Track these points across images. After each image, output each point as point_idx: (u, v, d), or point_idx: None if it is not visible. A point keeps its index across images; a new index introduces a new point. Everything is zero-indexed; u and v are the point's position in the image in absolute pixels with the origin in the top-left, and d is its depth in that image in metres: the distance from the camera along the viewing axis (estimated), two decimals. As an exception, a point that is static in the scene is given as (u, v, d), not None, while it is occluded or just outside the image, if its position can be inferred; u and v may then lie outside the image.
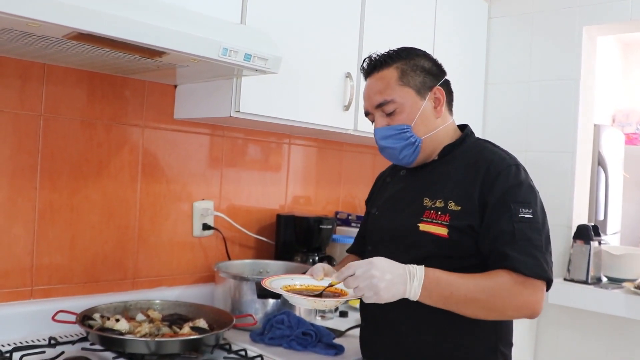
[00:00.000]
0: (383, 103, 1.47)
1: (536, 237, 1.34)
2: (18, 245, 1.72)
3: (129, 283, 1.98)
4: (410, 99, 1.46)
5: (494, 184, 1.37)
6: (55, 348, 1.55)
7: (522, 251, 1.31)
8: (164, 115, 2.04)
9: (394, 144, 1.48)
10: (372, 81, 1.51)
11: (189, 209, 2.15)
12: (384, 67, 1.48)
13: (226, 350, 1.66)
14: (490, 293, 1.30)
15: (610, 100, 4.63)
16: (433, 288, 1.28)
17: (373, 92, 1.49)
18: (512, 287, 1.30)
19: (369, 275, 1.25)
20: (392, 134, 1.47)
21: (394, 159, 1.52)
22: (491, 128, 2.96)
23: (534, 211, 1.36)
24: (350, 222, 2.66)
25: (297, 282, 1.44)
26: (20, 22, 1.18)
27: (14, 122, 1.70)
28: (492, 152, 1.47)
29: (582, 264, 2.58)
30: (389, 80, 1.47)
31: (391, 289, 1.26)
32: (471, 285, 1.30)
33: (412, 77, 1.47)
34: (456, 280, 1.30)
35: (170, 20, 1.37)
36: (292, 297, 1.34)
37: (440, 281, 1.29)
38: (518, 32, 2.93)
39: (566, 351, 2.72)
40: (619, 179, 3.61)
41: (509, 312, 1.35)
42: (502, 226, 1.34)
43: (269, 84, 1.81)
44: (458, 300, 1.30)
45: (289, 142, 2.51)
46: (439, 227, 1.39)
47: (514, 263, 1.30)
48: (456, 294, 1.29)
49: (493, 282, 1.31)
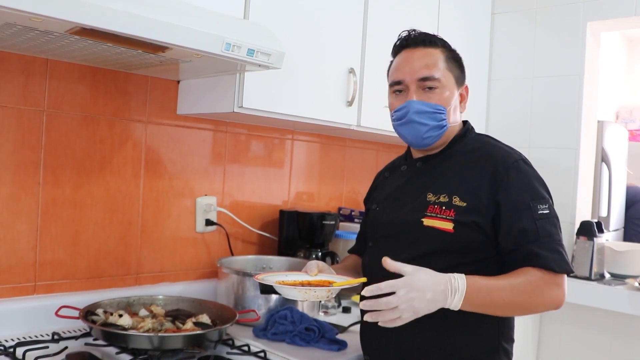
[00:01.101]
0: (429, 77, 1.43)
1: (555, 231, 1.37)
2: (21, 240, 1.72)
3: (132, 278, 1.98)
4: (450, 84, 1.46)
5: (506, 182, 1.37)
6: (59, 343, 1.56)
7: (547, 248, 1.33)
8: (167, 110, 2.04)
9: (426, 121, 1.43)
10: (418, 53, 1.46)
11: (192, 205, 2.15)
12: (432, 45, 1.47)
13: (229, 346, 1.66)
14: (527, 294, 1.32)
15: (614, 96, 4.61)
16: (474, 299, 1.28)
17: (419, 65, 1.44)
18: (544, 285, 1.32)
19: (409, 297, 1.21)
20: (427, 111, 1.43)
21: (416, 136, 1.46)
22: (494, 124, 2.96)
23: (549, 206, 1.38)
24: (353, 217, 2.66)
25: (290, 277, 1.44)
26: (23, 17, 1.17)
27: (17, 118, 1.69)
28: (495, 147, 1.47)
29: (585, 260, 2.58)
30: (437, 58, 1.45)
31: (431, 307, 1.24)
32: (508, 288, 1.31)
33: (454, 66, 1.48)
34: (495, 286, 1.30)
35: (173, 15, 1.37)
36: (282, 288, 1.34)
37: (481, 290, 1.28)
38: (522, 27, 2.92)
39: (569, 347, 2.72)
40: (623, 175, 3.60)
41: (540, 308, 1.37)
42: (525, 225, 1.34)
43: (272, 80, 1.81)
44: (497, 305, 1.31)
45: (292, 138, 2.51)
46: (444, 221, 1.39)
47: (544, 261, 1.32)
48: (496, 299, 1.30)
49: (527, 282, 1.32)
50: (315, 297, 1.37)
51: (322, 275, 1.44)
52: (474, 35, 2.85)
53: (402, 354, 1.46)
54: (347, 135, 2.66)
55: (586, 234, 2.60)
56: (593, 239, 2.58)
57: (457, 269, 1.31)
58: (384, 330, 1.48)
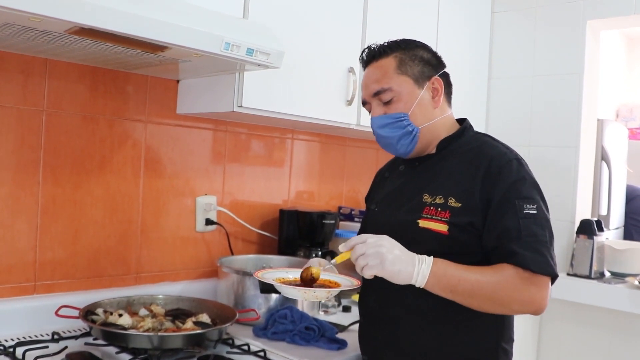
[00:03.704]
0: (380, 91, 1.46)
1: (541, 232, 1.33)
2: (21, 240, 1.72)
3: (132, 278, 1.99)
4: (407, 87, 1.46)
5: (496, 181, 1.36)
6: (59, 343, 1.56)
7: (528, 247, 1.31)
8: (167, 110, 2.04)
9: (391, 133, 1.47)
10: (370, 70, 1.51)
11: (192, 204, 2.15)
12: (382, 56, 1.48)
13: (229, 345, 1.66)
14: (497, 285, 1.30)
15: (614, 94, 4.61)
16: (441, 275, 1.29)
17: (370, 81, 1.49)
18: (519, 282, 1.30)
19: (378, 244, 1.27)
20: (388, 123, 1.46)
21: (391, 148, 1.51)
22: (494, 122, 2.96)
23: (538, 207, 1.36)
24: (353, 217, 2.66)
25: (291, 275, 1.44)
26: (22, 16, 1.17)
27: (17, 118, 1.69)
28: (492, 147, 1.46)
29: (585, 259, 2.58)
30: (386, 68, 1.46)
31: (397, 264, 1.26)
32: (478, 276, 1.30)
33: (411, 66, 1.46)
34: (464, 271, 1.31)
35: (172, 14, 1.37)
36: (283, 288, 1.34)
37: (448, 270, 1.30)
38: (521, 26, 2.91)
39: (569, 346, 2.72)
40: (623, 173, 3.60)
41: (514, 306, 1.34)
42: (507, 223, 1.33)
43: (271, 79, 1.81)
44: (464, 290, 1.30)
45: (292, 137, 2.51)
46: (439, 223, 1.38)
47: (521, 259, 1.29)
48: (463, 284, 1.29)
49: (499, 275, 1.31)
50: (315, 297, 1.37)
51: (324, 274, 1.44)
52: (473, 34, 2.85)
53: (401, 354, 1.46)
54: (347, 135, 2.66)
55: (586, 232, 2.60)
56: (593, 237, 2.58)
57: None
58: (382, 330, 1.49)
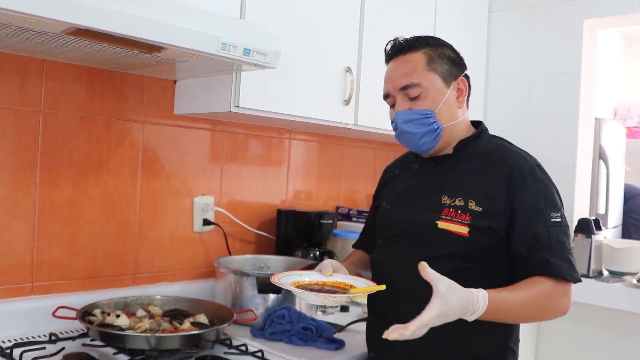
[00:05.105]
0: (408, 86, 1.44)
1: (567, 240, 1.38)
2: (18, 241, 1.72)
3: (130, 279, 1.98)
4: (436, 84, 1.45)
5: (522, 188, 1.38)
6: (56, 344, 1.56)
7: (559, 256, 1.34)
8: (164, 110, 2.04)
9: (415, 129, 1.45)
10: (398, 63, 1.48)
11: (190, 205, 2.14)
12: (411, 51, 1.47)
13: (227, 346, 1.66)
14: (541, 307, 1.34)
15: (611, 93, 4.62)
16: (491, 315, 1.27)
17: (398, 75, 1.47)
18: (556, 295, 1.34)
19: (435, 322, 1.19)
20: (414, 118, 1.45)
21: (412, 144, 1.49)
22: (492, 121, 2.95)
23: (561, 214, 1.39)
24: (351, 216, 2.66)
25: (305, 278, 1.43)
26: (18, 17, 1.17)
27: (14, 118, 1.69)
28: (511, 152, 1.47)
29: (583, 258, 2.58)
30: (416, 63, 1.45)
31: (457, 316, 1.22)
32: (525, 303, 1.31)
33: (439, 63, 1.46)
34: (513, 303, 1.30)
35: (168, 15, 1.37)
36: (303, 294, 1.34)
37: (499, 309, 1.27)
38: (519, 25, 2.92)
39: (567, 344, 2.72)
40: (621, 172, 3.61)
41: (551, 315, 1.38)
42: (539, 231, 1.35)
43: (268, 79, 1.80)
44: (513, 319, 1.36)
45: (290, 137, 2.51)
46: (459, 225, 1.38)
47: (556, 270, 1.32)
48: (512, 315, 1.32)
49: (542, 294, 1.33)
50: (335, 302, 1.38)
51: (337, 276, 1.44)
52: (471, 33, 2.85)
53: (409, 352, 1.45)
54: (344, 134, 2.66)
55: (584, 231, 2.60)
56: (591, 236, 2.58)
57: (469, 271, 1.34)
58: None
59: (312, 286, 1.39)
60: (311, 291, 1.34)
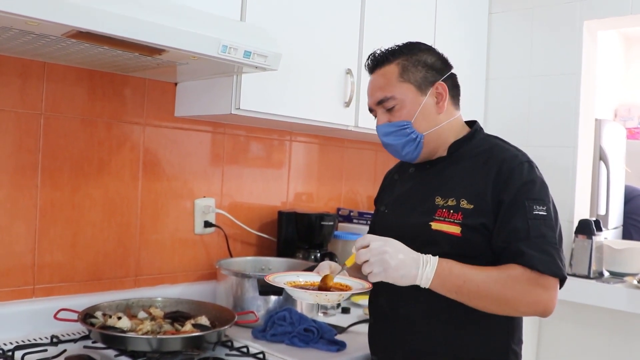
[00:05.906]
0: (383, 100, 1.47)
1: (550, 234, 1.34)
2: (19, 243, 1.72)
3: (131, 281, 1.99)
4: (410, 95, 1.46)
5: (507, 182, 1.37)
6: (57, 346, 1.56)
7: (536, 248, 1.31)
8: (165, 112, 2.04)
9: (395, 141, 1.48)
10: (374, 78, 1.52)
11: (191, 207, 2.15)
12: (385, 64, 1.49)
13: (228, 347, 1.66)
14: (503, 286, 1.30)
15: (611, 94, 4.61)
16: (446, 276, 1.28)
17: (374, 89, 1.50)
18: (526, 283, 1.30)
19: (382, 250, 1.26)
20: (392, 131, 1.48)
21: (397, 155, 1.53)
22: (492, 123, 2.96)
23: (547, 208, 1.36)
24: (352, 218, 2.66)
25: (302, 278, 1.44)
26: (19, 20, 1.18)
27: (15, 121, 1.70)
28: (503, 150, 1.46)
29: (584, 259, 2.58)
30: (389, 76, 1.47)
31: (400, 269, 1.26)
32: (484, 276, 1.30)
33: (413, 72, 1.46)
34: (469, 271, 1.30)
35: (169, 17, 1.37)
36: (295, 292, 1.34)
37: (453, 270, 1.30)
38: (519, 26, 2.92)
39: (568, 345, 2.72)
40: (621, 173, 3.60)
41: (521, 308, 1.33)
42: (517, 223, 1.33)
43: (269, 81, 1.81)
44: (470, 291, 1.30)
45: (290, 139, 2.51)
46: (451, 225, 1.39)
47: (529, 259, 1.29)
48: (469, 284, 1.29)
49: (506, 275, 1.30)
50: (327, 301, 1.38)
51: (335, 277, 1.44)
52: (471, 35, 2.85)
53: (411, 354, 1.45)
54: (345, 136, 2.66)
55: (584, 232, 2.60)
56: (591, 237, 2.58)
57: None
58: (392, 330, 1.49)
59: (307, 286, 1.40)
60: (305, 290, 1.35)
